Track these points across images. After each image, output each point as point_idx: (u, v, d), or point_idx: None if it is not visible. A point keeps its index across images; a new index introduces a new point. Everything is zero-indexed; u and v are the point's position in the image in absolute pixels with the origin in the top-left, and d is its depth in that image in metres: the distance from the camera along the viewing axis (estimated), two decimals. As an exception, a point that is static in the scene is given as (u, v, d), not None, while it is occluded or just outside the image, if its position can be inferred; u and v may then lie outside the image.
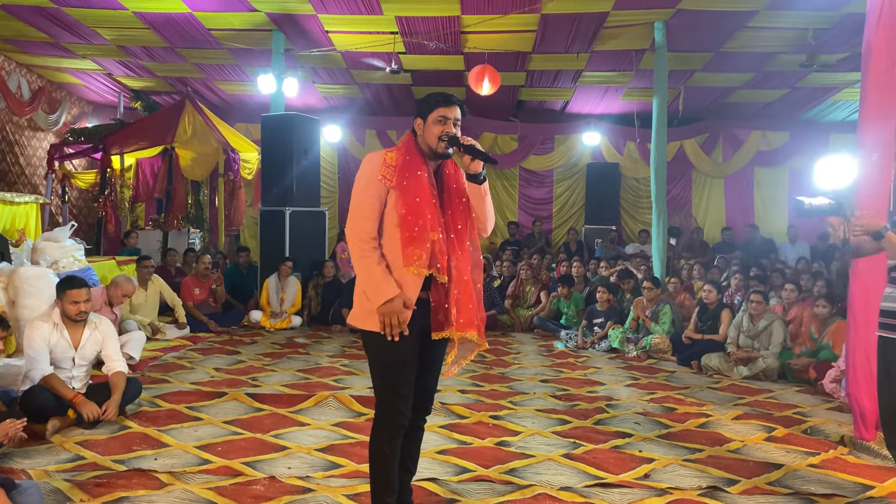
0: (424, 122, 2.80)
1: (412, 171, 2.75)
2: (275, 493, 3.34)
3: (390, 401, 2.78)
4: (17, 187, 11.10)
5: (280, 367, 6.34)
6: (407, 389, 2.79)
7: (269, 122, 9.66)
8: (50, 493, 3.24)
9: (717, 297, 7.12)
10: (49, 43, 10.20)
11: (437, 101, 2.79)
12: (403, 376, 2.77)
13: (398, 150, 2.81)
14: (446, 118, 2.76)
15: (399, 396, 2.77)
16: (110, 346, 4.66)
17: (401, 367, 2.76)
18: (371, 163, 2.80)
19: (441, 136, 2.75)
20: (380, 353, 2.77)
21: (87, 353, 4.53)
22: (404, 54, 10.17)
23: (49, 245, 6.47)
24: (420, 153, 2.80)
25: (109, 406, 4.35)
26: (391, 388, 2.77)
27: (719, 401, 5.47)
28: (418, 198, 2.71)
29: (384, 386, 2.79)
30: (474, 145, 2.71)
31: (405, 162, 2.76)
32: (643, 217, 13.19)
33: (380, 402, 2.82)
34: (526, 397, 5.39)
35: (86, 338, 4.52)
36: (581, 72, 11.00)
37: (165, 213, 11.13)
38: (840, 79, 10.69)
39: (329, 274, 9.04)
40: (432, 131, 2.77)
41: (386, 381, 2.78)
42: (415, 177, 2.75)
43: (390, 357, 2.75)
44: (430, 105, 2.80)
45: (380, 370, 2.80)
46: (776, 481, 3.68)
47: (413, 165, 2.76)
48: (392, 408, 2.77)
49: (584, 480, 3.63)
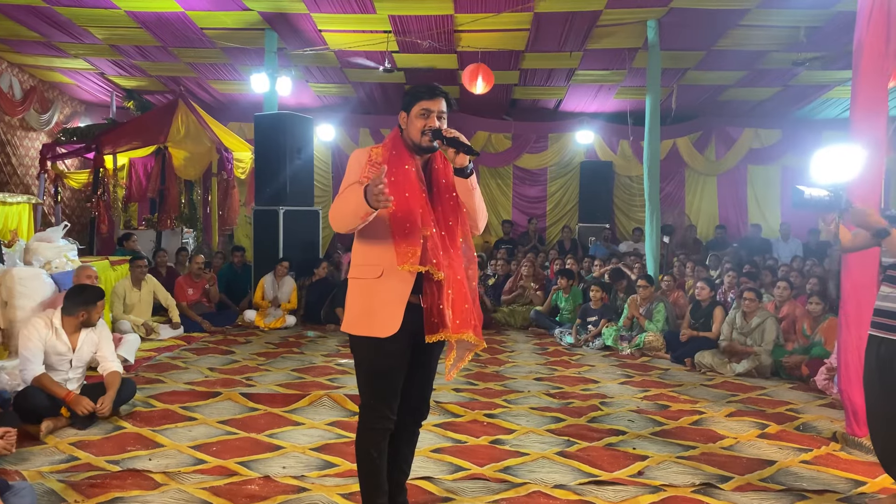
0: (408, 115, 2.73)
1: (399, 165, 2.69)
2: (270, 493, 3.35)
3: (375, 406, 2.73)
4: (9, 187, 11.05)
5: (274, 366, 6.33)
6: (393, 395, 2.74)
7: (263, 122, 9.64)
8: (44, 493, 3.24)
9: (709, 294, 7.15)
10: (41, 42, 10.15)
11: (421, 93, 2.72)
12: (390, 383, 2.72)
13: (384, 146, 2.76)
14: (429, 111, 2.69)
15: (384, 402, 2.72)
16: (105, 347, 4.66)
17: (388, 373, 2.71)
18: (357, 160, 2.76)
19: (423, 130, 2.68)
20: (367, 358, 2.71)
21: (83, 356, 4.52)
22: (398, 53, 10.16)
23: (42, 245, 6.44)
24: (406, 148, 2.74)
25: (104, 400, 4.35)
26: (377, 393, 2.72)
27: (713, 398, 5.49)
28: (407, 193, 2.65)
29: (370, 391, 2.74)
30: (457, 137, 2.60)
31: (391, 157, 2.69)
32: (636, 215, 13.22)
33: (365, 406, 2.76)
34: (520, 395, 5.41)
35: (82, 340, 4.51)
36: (574, 70, 11.02)
37: (159, 212, 11.10)
38: (832, 76, 10.73)
39: (322, 274, 9.03)
40: (415, 125, 2.70)
41: (372, 386, 2.73)
42: (402, 171, 2.68)
43: (378, 364, 2.70)
44: (413, 98, 2.73)
45: (366, 376, 2.75)
46: (769, 478, 3.70)
47: (400, 160, 2.69)
48: (377, 413, 2.72)
49: (579, 478, 3.64)
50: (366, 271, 2.70)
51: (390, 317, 2.63)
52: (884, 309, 3.20)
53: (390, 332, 2.63)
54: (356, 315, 2.70)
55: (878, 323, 3.24)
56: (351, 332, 2.73)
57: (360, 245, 2.76)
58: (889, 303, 3.17)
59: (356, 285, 2.75)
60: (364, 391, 2.77)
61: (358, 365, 2.78)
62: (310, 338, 7.81)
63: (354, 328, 2.71)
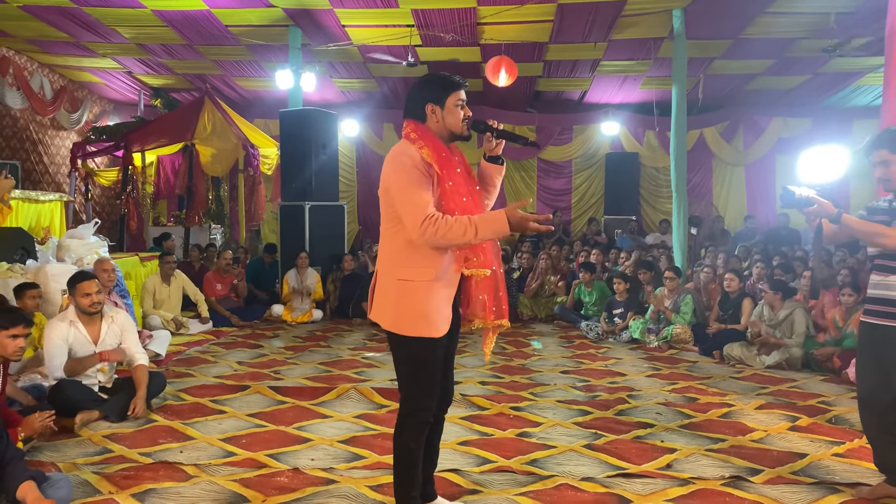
0: (442, 106, 2.71)
1: (451, 169, 2.66)
2: (299, 485, 3.38)
3: (420, 398, 2.74)
4: (41, 186, 11.28)
5: (302, 360, 6.39)
6: (436, 388, 2.77)
7: (288, 118, 9.71)
8: (79, 485, 3.30)
9: (738, 285, 7.07)
10: (69, 42, 10.31)
11: (453, 84, 2.73)
12: (434, 377, 2.75)
13: (428, 147, 2.65)
14: (464, 101, 2.73)
15: (429, 394, 2.75)
16: (129, 339, 4.67)
17: (427, 367, 2.73)
18: (413, 164, 2.60)
19: (470, 123, 2.72)
20: (418, 356, 2.72)
21: (107, 348, 4.57)
22: (421, 47, 10.16)
23: (74, 242, 6.56)
24: (442, 140, 2.72)
25: (137, 403, 4.42)
26: (424, 389, 2.74)
27: (742, 390, 5.43)
28: (465, 197, 2.65)
29: (416, 387, 2.75)
30: (511, 131, 2.67)
31: (441, 159, 2.64)
32: (663, 207, 13.08)
33: (407, 399, 2.77)
34: (547, 388, 5.39)
35: (104, 332, 4.56)
36: (599, 61, 10.92)
37: (187, 209, 11.25)
38: (863, 63, 10.51)
39: (348, 268, 9.09)
40: (456, 115, 2.71)
41: (419, 382, 2.74)
42: (455, 175, 2.66)
43: (429, 361, 2.72)
44: (445, 88, 2.72)
45: (414, 373, 2.74)
46: (800, 471, 3.65)
47: (450, 163, 2.67)
48: (421, 405, 2.74)
49: (606, 471, 3.63)
50: (418, 273, 2.66)
51: (444, 317, 2.69)
52: (873, 296, 3.31)
53: (445, 331, 2.69)
54: (411, 316, 2.66)
55: (867, 310, 3.34)
56: (405, 333, 2.69)
57: (410, 247, 2.66)
58: (878, 290, 3.27)
59: (406, 288, 2.67)
60: (409, 387, 2.77)
61: (404, 362, 2.77)
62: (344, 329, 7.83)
63: (408, 329, 2.68)
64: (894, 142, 3.21)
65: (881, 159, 3.24)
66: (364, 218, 13.87)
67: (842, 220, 3.16)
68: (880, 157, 3.24)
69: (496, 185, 2.88)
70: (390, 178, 2.66)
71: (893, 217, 3.23)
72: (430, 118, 2.73)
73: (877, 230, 3.17)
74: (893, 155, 3.20)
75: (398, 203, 2.62)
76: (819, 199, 3.16)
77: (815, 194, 3.17)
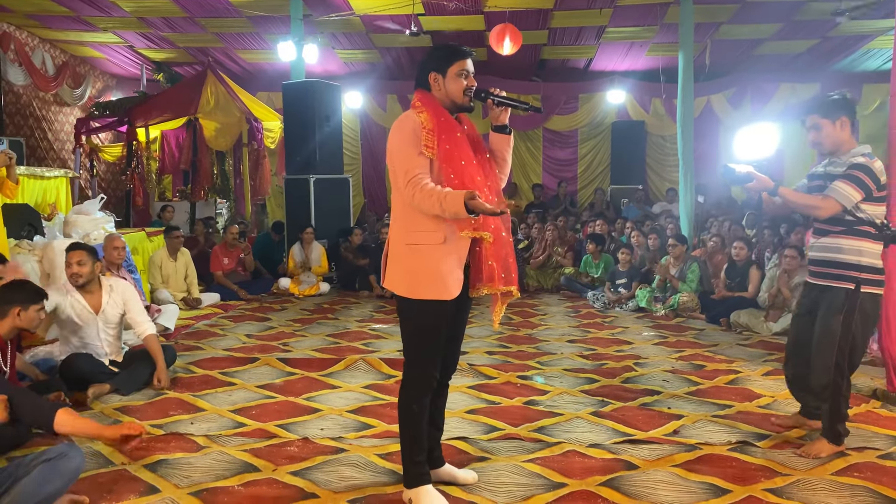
0: (444, 75, 2.74)
1: (450, 133, 2.69)
2: (309, 454, 3.42)
3: (422, 363, 2.78)
4: (46, 162, 11.28)
5: (310, 332, 6.42)
6: (440, 353, 2.80)
7: (291, 90, 9.65)
8: (92, 456, 3.35)
9: (747, 254, 7.04)
10: (70, 17, 10.23)
11: (457, 53, 2.75)
12: (439, 341, 2.78)
13: (429, 112, 2.71)
14: (468, 71, 2.75)
15: (431, 359, 2.79)
16: (134, 309, 4.63)
17: (435, 332, 2.76)
18: (412, 131, 2.66)
19: (469, 91, 2.73)
20: (425, 320, 2.74)
21: (109, 318, 4.55)
22: (423, 16, 10.04)
23: (80, 218, 6.57)
24: (445, 109, 2.75)
25: (160, 376, 4.47)
26: (427, 352, 2.78)
27: (749, 357, 5.44)
28: (463, 161, 2.68)
29: (420, 350, 2.79)
30: (512, 98, 2.68)
31: (440, 123, 2.69)
32: (670, 175, 13.00)
33: (410, 363, 2.82)
34: (553, 357, 5.42)
35: (105, 302, 4.53)
36: (604, 28, 10.78)
37: (192, 184, 11.24)
38: (872, 26, 10.34)
39: (357, 241, 9.09)
40: (457, 84, 2.73)
41: (423, 346, 2.78)
42: (454, 139, 2.69)
43: (436, 324, 2.74)
44: (448, 58, 2.75)
45: (419, 336, 2.78)
46: (806, 436, 3.67)
47: (449, 127, 2.70)
48: (423, 370, 2.78)
49: (613, 437, 3.65)
50: (427, 237, 2.69)
51: (457, 280, 2.71)
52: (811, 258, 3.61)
53: (456, 293, 2.70)
54: (421, 279, 2.69)
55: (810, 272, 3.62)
56: (415, 296, 2.71)
57: (417, 212, 2.69)
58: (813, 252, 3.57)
59: (417, 252, 2.71)
60: (413, 350, 2.81)
61: (409, 326, 2.81)
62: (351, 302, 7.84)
63: (419, 292, 2.70)
64: (823, 106, 3.41)
65: (812, 123, 3.45)
66: (369, 190, 13.84)
67: (779, 193, 3.38)
68: (812, 122, 3.45)
69: (506, 158, 2.92)
70: (391, 143, 2.74)
71: (827, 180, 3.40)
72: (434, 87, 2.77)
73: (808, 202, 3.41)
74: (824, 119, 3.40)
75: (395, 166, 2.71)
76: (758, 174, 3.37)
77: (752, 170, 3.37)
